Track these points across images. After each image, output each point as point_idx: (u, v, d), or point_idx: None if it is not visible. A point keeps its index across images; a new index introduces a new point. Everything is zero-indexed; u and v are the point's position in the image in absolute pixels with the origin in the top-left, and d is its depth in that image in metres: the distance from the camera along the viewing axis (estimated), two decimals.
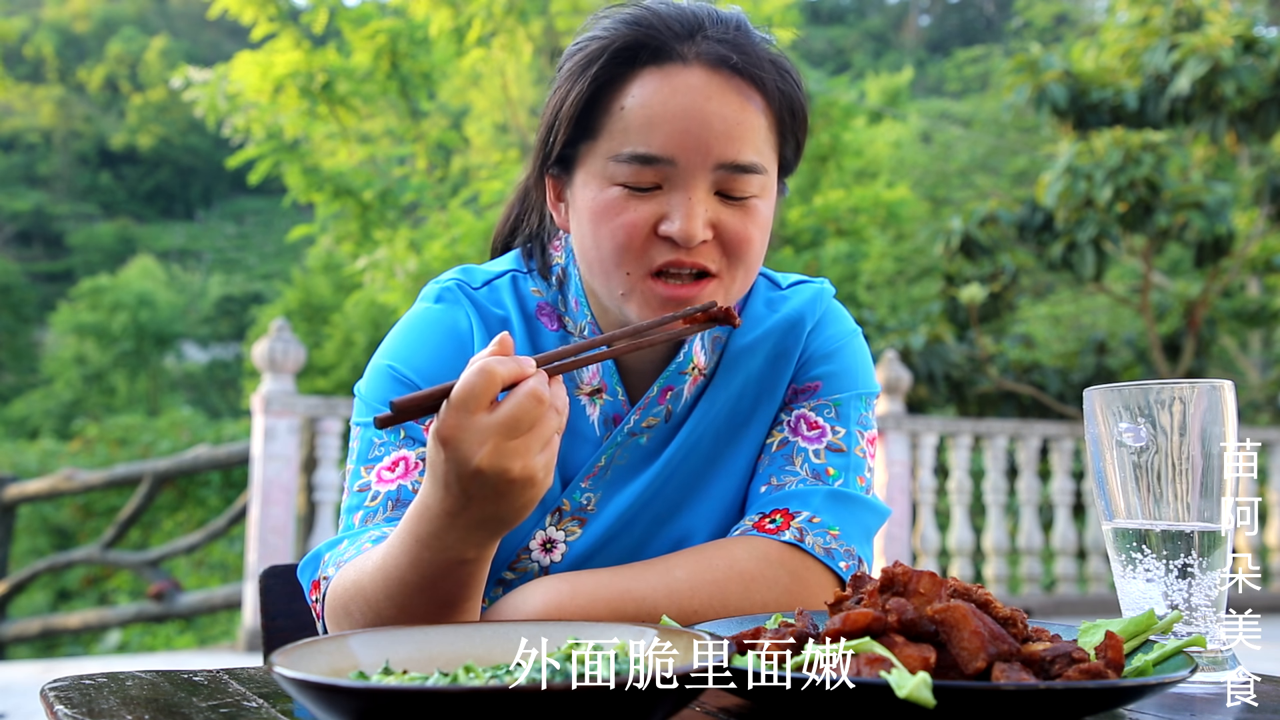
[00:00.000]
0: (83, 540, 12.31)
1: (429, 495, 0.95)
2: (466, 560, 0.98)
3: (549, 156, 1.21)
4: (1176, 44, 8.74)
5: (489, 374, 0.89)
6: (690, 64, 1.14)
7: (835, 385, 1.30)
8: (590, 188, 1.16)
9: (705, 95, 1.13)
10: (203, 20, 41.09)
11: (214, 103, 9.08)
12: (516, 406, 0.90)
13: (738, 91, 1.14)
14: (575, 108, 1.15)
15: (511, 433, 0.90)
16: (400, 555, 1.00)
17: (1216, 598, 0.93)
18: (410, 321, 1.27)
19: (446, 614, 1.02)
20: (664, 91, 1.13)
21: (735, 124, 1.13)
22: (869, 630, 0.76)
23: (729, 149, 1.13)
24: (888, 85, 21.64)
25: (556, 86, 1.19)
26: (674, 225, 1.11)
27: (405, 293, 9.06)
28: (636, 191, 1.13)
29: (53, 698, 0.83)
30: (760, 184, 1.16)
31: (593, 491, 1.25)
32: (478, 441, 0.90)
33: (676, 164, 1.12)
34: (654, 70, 1.14)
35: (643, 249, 1.13)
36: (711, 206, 1.13)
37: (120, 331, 26.18)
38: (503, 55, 9.77)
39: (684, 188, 1.12)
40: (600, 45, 1.16)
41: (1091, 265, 8.59)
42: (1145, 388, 0.96)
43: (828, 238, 13.99)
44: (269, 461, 6.09)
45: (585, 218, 1.16)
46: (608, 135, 1.14)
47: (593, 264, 1.17)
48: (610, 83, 1.15)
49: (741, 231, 1.15)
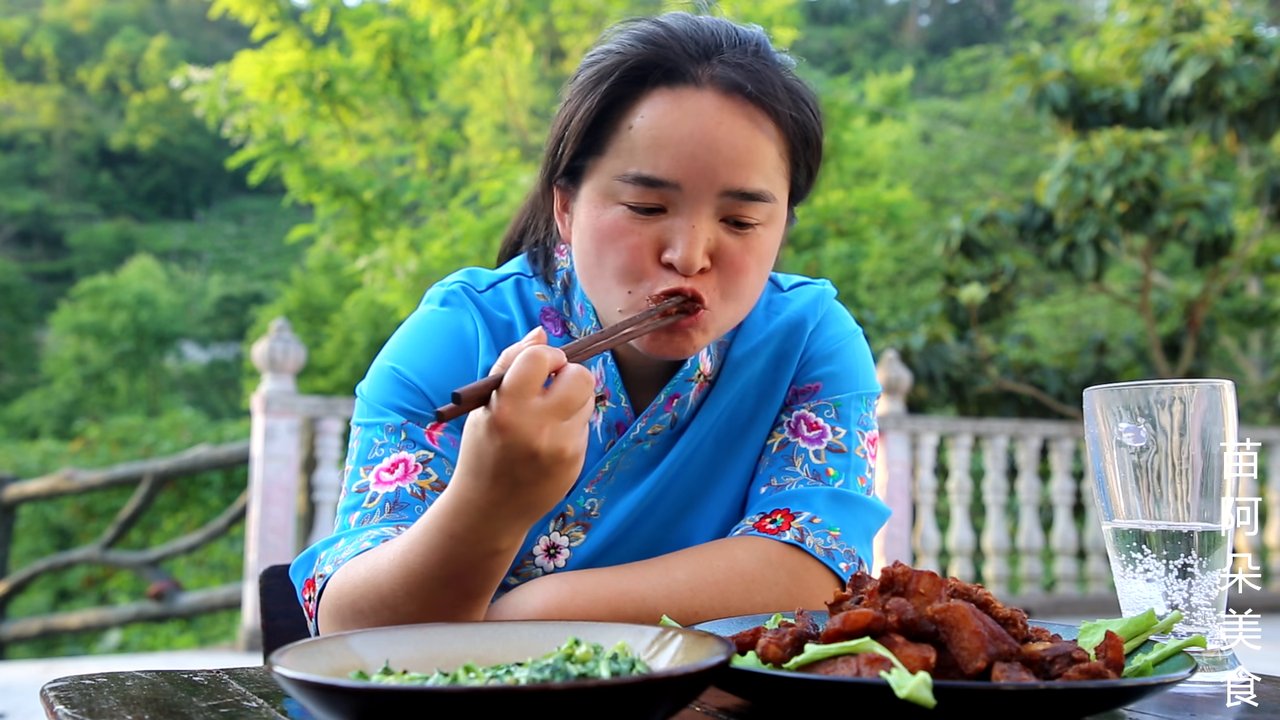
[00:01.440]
0: (83, 540, 12.30)
1: (469, 489, 0.96)
2: (500, 551, 1.00)
3: (556, 168, 1.20)
4: (1176, 44, 8.74)
5: (539, 359, 0.92)
6: (703, 87, 1.11)
7: (836, 386, 1.30)
8: (594, 204, 1.14)
9: (715, 120, 1.10)
10: (203, 20, 41.14)
11: (214, 102, 9.08)
12: (570, 387, 0.93)
13: (749, 118, 1.11)
14: (584, 123, 1.14)
15: (565, 413, 0.93)
16: (428, 551, 1.00)
17: (1216, 598, 0.93)
18: (415, 324, 1.27)
19: (469, 606, 1.03)
20: (674, 114, 1.11)
21: (745, 151, 1.11)
22: (869, 630, 0.76)
23: (736, 176, 1.10)
24: (888, 85, 21.61)
25: (567, 99, 1.18)
26: (675, 253, 1.10)
27: (405, 293, 9.06)
28: (640, 214, 1.12)
29: (53, 698, 0.83)
30: (767, 212, 1.14)
31: (596, 497, 1.25)
32: (535, 425, 0.92)
33: (681, 189, 1.10)
34: (665, 91, 1.12)
35: (643, 273, 1.12)
36: (714, 233, 1.12)
37: (120, 331, 26.17)
38: (503, 55, 9.77)
39: (688, 214, 1.11)
40: (613, 61, 1.14)
41: (1091, 265, 8.59)
42: (1145, 388, 0.96)
43: (828, 238, 13.98)
44: (269, 461, 6.10)
45: (588, 234, 1.15)
46: (614, 153, 1.13)
47: (593, 279, 1.16)
48: (620, 100, 1.13)
49: (739, 262, 1.13)
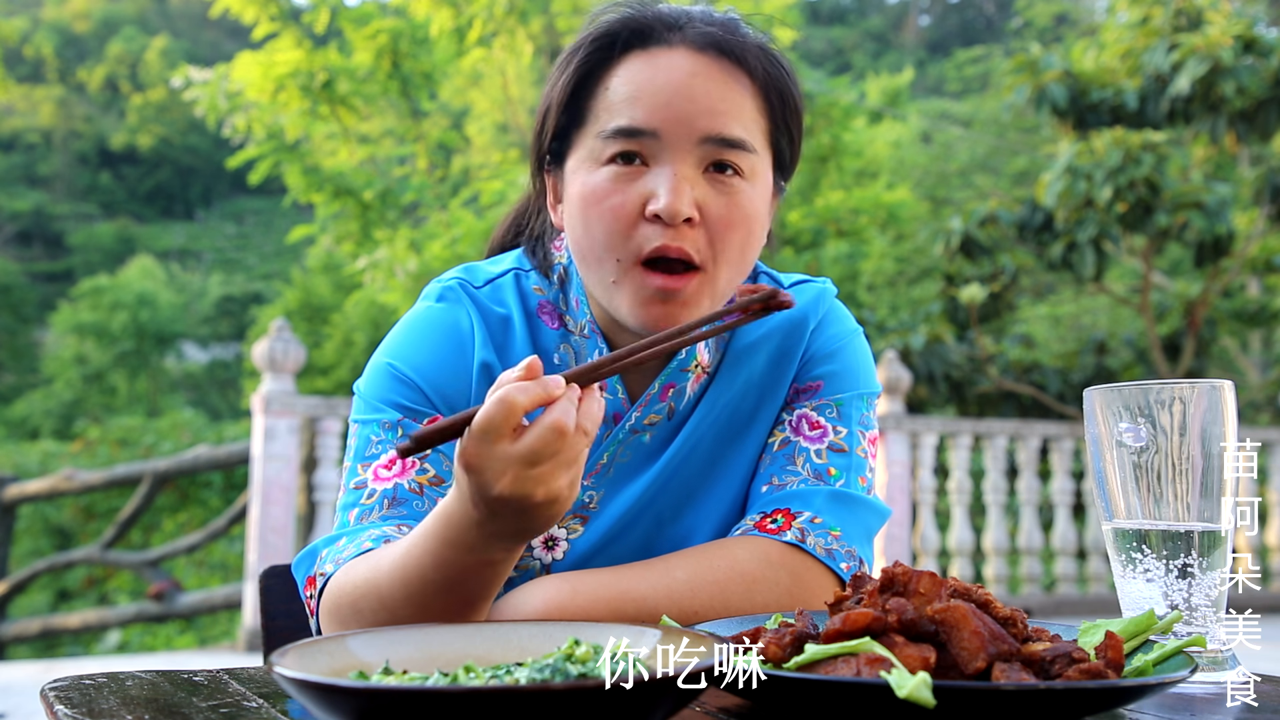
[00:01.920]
0: (83, 541, 12.30)
1: (455, 505, 0.96)
2: (494, 561, 0.99)
3: (542, 150, 1.23)
4: (1176, 44, 8.74)
5: (509, 405, 0.89)
6: (675, 46, 1.15)
7: (837, 385, 1.30)
8: (580, 173, 1.17)
9: (690, 72, 1.14)
10: (203, 20, 41.12)
11: (214, 103, 9.08)
12: (537, 439, 0.90)
13: (723, 70, 1.15)
14: (564, 94, 1.18)
15: (532, 463, 0.90)
16: (424, 556, 1.00)
17: (1216, 598, 0.93)
18: (411, 320, 1.27)
19: (467, 612, 1.03)
20: (648, 70, 1.14)
21: (720, 99, 1.14)
22: (869, 630, 0.76)
23: (715, 122, 1.13)
24: (888, 85, 21.61)
25: (549, 81, 1.22)
26: (660, 202, 1.11)
27: (405, 293, 9.06)
28: (624, 166, 1.13)
29: (53, 698, 0.83)
30: (750, 163, 1.16)
31: (595, 489, 1.25)
32: (499, 471, 0.90)
33: (660, 136, 1.12)
34: (639, 53, 1.16)
35: (630, 231, 1.13)
36: (699, 186, 1.13)
37: (120, 331, 26.16)
38: (503, 55, 9.77)
39: (669, 162, 1.12)
40: (588, 35, 1.18)
41: (1091, 265, 8.59)
42: (1145, 388, 0.96)
43: (828, 238, 13.99)
44: (269, 461, 6.10)
45: (576, 205, 1.17)
46: (594, 118, 1.16)
47: (585, 253, 1.17)
48: (595, 69, 1.17)
49: (726, 215, 1.14)
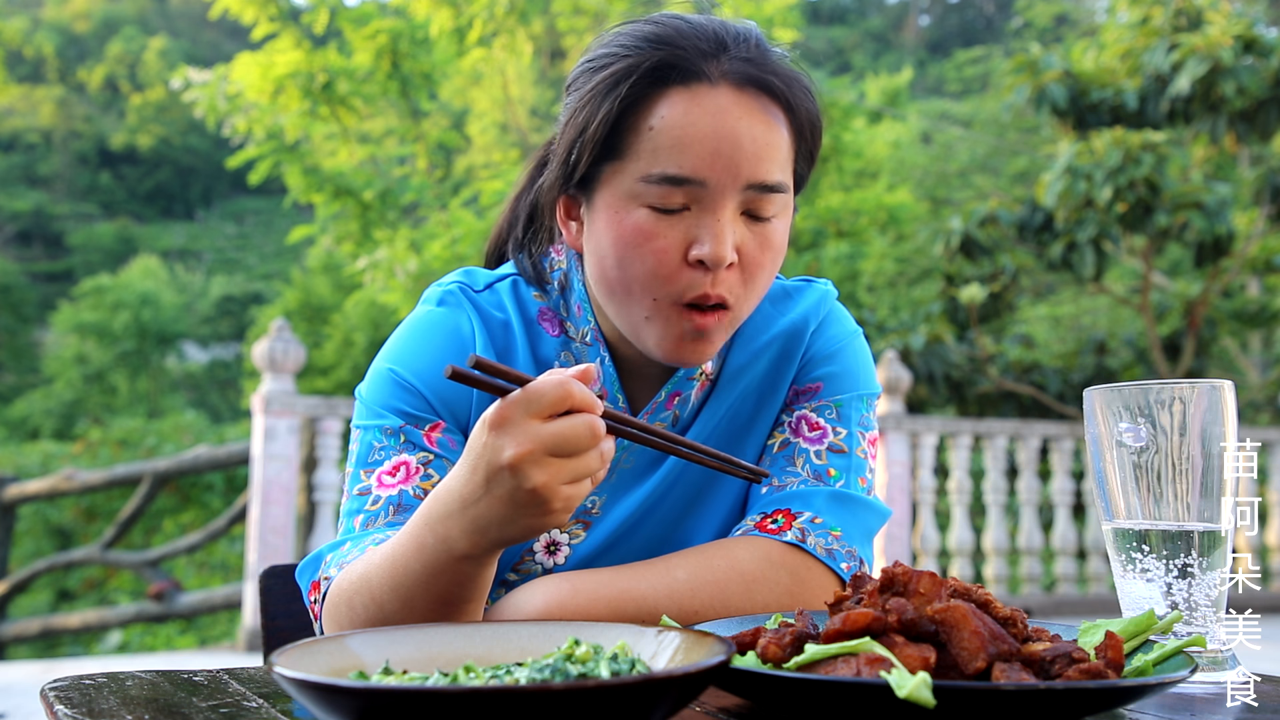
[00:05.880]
0: (83, 541, 12.30)
1: (453, 474, 0.97)
2: (463, 556, 0.98)
3: (570, 177, 1.18)
4: (1176, 44, 8.74)
5: (565, 388, 0.90)
6: (717, 84, 1.12)
7: (836, 386, 1.31)
8: (615, 209, 1.14)
9: (735, 116, 1.12)
10: (203, 20, 41.12)
11: (214, 103, 9.08)
12: (569, 428, 0.90)
13: (764, 111, 1.13)
14: (601, 129, 1.13)
15: (553, 449, 0.90)
16: (407, 541, 1.01)
17: (1216, 598, 0.93)
18: (412, 324, 1.27)
19: (446, 613, 1.02)
20: (694, 112, 1.11)
21: (764, 144, 1.12)
22: (869, 630, 0.76)
23: (759, 169, 1.12)
24: (888, 86, 21.60)
25: (578, 106, 1.17)
26: (705, 249, 1.11)
27: (405, 293, 9.06)
28: (664, 214, 1.12)
29: (53, 698, 0.83)
30: (783, 203, 1.16)
31: (597, 495, 1.25)
32: (520, 440, 0.90)
33: (707, 185, 1.11)
34: (681, 90, 1.12)
35: (673, 276, 1.13)
36: (738, 228, 1.13)
37: (122, 331, 26.18)
38: (504, 55, 9.77)
39: (713, 209, 1.12)
40: (626, 65, 1.13)
41: (1091, 265, 8.59)
42: (1145, 388, 0.96)
43: (828, 239, 14.00)
44: (269, 461, 6.10)
45: (609, 240, 1.14)
46: (634, 156, 1.13)
47: (614, 286, 1.16)
48: (636, 103, 1.13)
49: (759, 257, 1.15)
